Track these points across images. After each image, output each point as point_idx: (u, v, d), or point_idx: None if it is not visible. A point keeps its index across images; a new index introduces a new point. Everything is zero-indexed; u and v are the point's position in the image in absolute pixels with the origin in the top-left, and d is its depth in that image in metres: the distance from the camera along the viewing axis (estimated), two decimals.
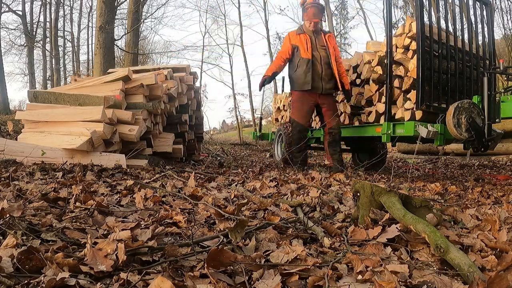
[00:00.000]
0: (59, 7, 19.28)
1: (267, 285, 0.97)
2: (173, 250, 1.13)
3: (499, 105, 3.29)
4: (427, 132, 3.23)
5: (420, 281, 1.06)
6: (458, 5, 3.91)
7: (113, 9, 8.85)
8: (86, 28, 21.03)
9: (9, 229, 1.17)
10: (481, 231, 1.55)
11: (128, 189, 2.27)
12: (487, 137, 3.09)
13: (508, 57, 11.12)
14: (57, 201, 1.74)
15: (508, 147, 6.89)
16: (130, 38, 12.20)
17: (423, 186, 3.04)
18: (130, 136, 4.02)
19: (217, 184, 2.81)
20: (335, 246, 1.34)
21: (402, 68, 3.73)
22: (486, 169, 5.45)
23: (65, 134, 3.78)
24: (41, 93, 4.39)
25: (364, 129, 4.29)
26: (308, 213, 1.86)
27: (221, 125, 35.22)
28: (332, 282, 1.01)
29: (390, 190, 1.59)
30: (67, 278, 0.88)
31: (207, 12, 22.73)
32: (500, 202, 2.35)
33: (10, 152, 3.54)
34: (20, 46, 18.83)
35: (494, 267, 1.16)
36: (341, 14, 22.74)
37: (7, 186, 2.07)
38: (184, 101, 5.38)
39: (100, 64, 8.25)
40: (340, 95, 4.69)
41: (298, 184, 2.82)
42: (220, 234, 1.34)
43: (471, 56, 3.77)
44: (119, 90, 4.22)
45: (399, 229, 1.39)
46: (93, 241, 1.14)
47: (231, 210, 1.70)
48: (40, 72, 20.27)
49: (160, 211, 1.70)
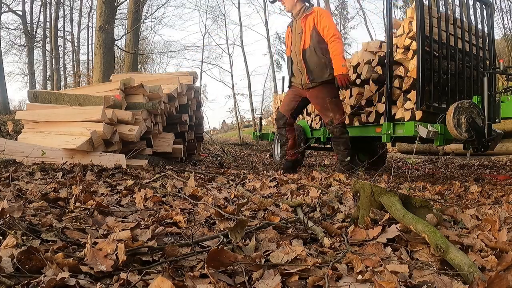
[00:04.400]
0: (59, 7, 19.28)
1: (267, 285, 0.97)
2: (173, 250, 1.13)
3: (499, 105, 3.29)
4: (427, 132, 3.22)
5: (420, 281, 1.06)
6: (458, 5, 3.91)
7: (113, 9, 8.85)
8: (86, 28, 21.06)
9: (9, 229, 1.17)
10: (481, 231, 1.55)
11: (128, 189, 2.27)
12: (487, 137, 3.09)
13: (508, 57, 11.13)
14: (57, 201, 1.74)
15: (508, 147, 6.89)
16: (130, 38, 12.20)
17: (423, 187, 3.04)
18: (130, 136, 4.03)
19: (217, 184, 2.81)
20: (335, 246, 1.34)
21: (402, 68, 3.73)
22: (486, 169, 5.45)
23: (65, 134, 3.79)
24: (41, 93, 4.39)
25: (364, 129, 4.29)
26: (308, 213, 1.86)
27: (221, 125, 35.24)
28: (332, 282, 1.01)
29: (390, 190, 1.59)
30: (67, 278, 0.88)
31: (207, 12, 22.81)
32: (500, 202, 2.35)
33: (10, 152, 3.55)
34: (20, 46, 18.85)
35: (494, 267, 1.16)
36: (341, 14, 22.73)
37: (7, 186, 2.07)
38: (184, 101, 5.38)
39: (100, 64, 8.25)
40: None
41: (298, 184, 2.82)
42: (220, 234, 1.34)
43: (471, 56, 3.77)
44: (119, 90, 4.23)
45: (399, 229, 1.39)
46: (93, 241, 1.14)
47: (231, 210, 1.70)
48: (40, 72, 20.28)
49: (160, 211, 1.70)
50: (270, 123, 12.88)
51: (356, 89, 4.44)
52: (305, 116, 5.92)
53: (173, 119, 5.21)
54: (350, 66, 4.62)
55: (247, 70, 18.57)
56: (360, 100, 4.38)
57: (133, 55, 12.05)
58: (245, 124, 23.27)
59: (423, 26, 3.37)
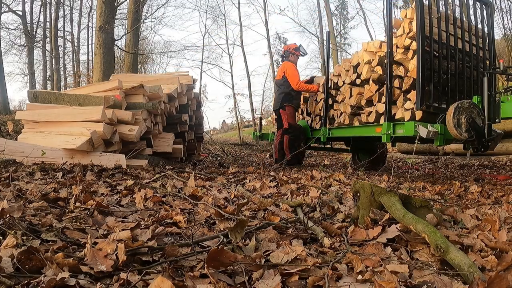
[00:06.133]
0: (59, 7, 19.27)
1: (267, 285, 0.97)
2: (173, 250, 1.13)
3: (499, 105, 3.29)
4: (427, 132, 3.22)
5: (420, 281, 1.06)
6: (458, 5, 3.91)
7: (113, 9, 8.84)
8: (86, 28, 21.03)
9: (9, 229, 1.17)
10: (481, 231, 1.55)
11: (128, 189, 2.27)
12: (487, 137, 3.09)
13: (508, 57, 11.12)
14: (57, 201, 1.74)
15: (508, 147, 6.89)
16: (130, 38, 12.20)
17: (423, 187, 3.04)
18: (130, 136, 4.02)
19: (217, 184, 2.81)
20: (335, 246, 1.33)
21: (402, 68, 3.73)
22: (486, 169, 5.45)
23: (65, 134, 3.79)
24: (41, 93, 4.39)
25: (364, 129, 4.29)
26: (308, 213, 1.86)
27: (221, 125, 35.21)
28: (332, 282, 1.01)
29: (390, 190, 1.59)
30: (67, 278, 0.88)
31: (207, 12, 22.78)
32: (500, 202, 2.35)
33: (10, 152, 3.55)
34: (20, 46, 18.82)
35: (494, 267, 1.16)
36: (341, 14, 22.75)
37: (7, 186, 2.07)
38: (184, 101, 5.38)
39: (100, 64, 8.25)
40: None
41: (298, 184, 2.82)
42: (220, 234, 1.34)
43: (471, 56, 3.77)
44: (119, 90, 4.23)
45: (399, 229, 1.39)
46: (93, 241, 1.14)
47: (231, 210, 1.70)
48: (40, 72, 20.26)
49: (160, 211, 1.70)
50: (270, 123, 12.88)
51: (356, 89, 4.44)
52: (305, 116, 5.92)
53: (173, 119, 5.21)
54: (350, 66, 4.62)
55: (247, 70, 18.54)
56: (360, 100, 4.38)
57: (133, 55, 12.04)
58: (245, 124, 23.26)
59: (423, 26, 3.37)
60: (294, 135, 5.22)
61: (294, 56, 5.52)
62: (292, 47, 5.56)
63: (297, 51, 5.53)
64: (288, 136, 5.20)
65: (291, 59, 5.50)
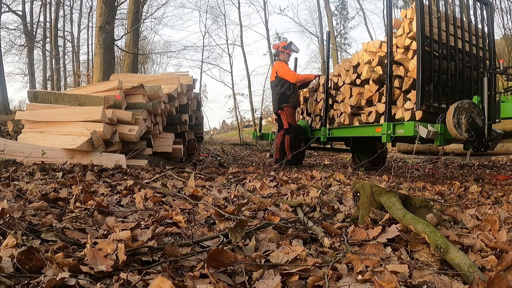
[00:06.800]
0: (59, 7, 19.26)
1: (267, 285, 0.97)
2: (173, 250, 1.13)
3: (499, 105, 3.29)
4: (427, 132, 3.22)
5: (420, 281, 1.05)
6: (458, 5, 3.91)
7: (113, 9, 8.85)
8: (86, 28, 21.02)
9: (9, 229, 1.17)
10: (481, 231, 1.55)
11: (128, 189, 2.27)
12: (487, 137, 3.09)
13: (508, 57, 11.12)
14: (57, 201, 1.74)
15: (508, 147, 6.89)
16: (130, 38, 12.20)
17: (423, 187, 3.04)
18: (130, 136, 4.02)
19: (217, 184, 2.81)
20: (335, 246, 1.33)
21: (402, 68, 3.73)
22: (486, 169, 5.45)
23: (65, 134, 3.79)
24: (41, 93, 4.39)
25: (364, 129, 4.29)
26: (308, 213, 1.86)
27: (221, 125, 35.19)
28: (332, 282, 1.01)
29: (390, 190, 1.59)
30: (67, 278, 0.88)
31: (207, 12, 22.79)
32: (500, 202, 2.35)
33: (10, 152, 3.55)
34: (20, 46, 18.81)
35: (494, 267, 1.16)
36: (341, 14, 22.74)
37: (7, 186, 2.07)
38: (184, 101, 5.38)
39: (100, 64, 8.25)
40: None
41: (298, 184, 2.81)
42: (220, 234, 1.34)
43: (471, 56, 3.77)
44: (119, 90, 4.23)
45: (399, 229, 1.39)
46: (93, 241, 1.14)
47: (231, 210, 1.70)
48: (40, 72, 20.25)
49: (160, 211, 1.70)
50: (270, 123, 12.87)
51: (356, 89, 4.44)
52: (305, 116, 5.92)
53: (173, 119, 5.21)
54: (350, 66, 4.62)
55: (247, 70, 18.54)
56: (360, 100, 4.39)
57: (133, 55, 12.04)
58: (245, 124, 23.25)
59: (423, 26, 3.37)
60: (294, 134, 5.25)
61: (284, 54, 5.49)
62: (281, 45, 5.54)
63: (286, 48, 5.49)
64: (289, 136, 5.23)
65: (281, 57, 5.50)
